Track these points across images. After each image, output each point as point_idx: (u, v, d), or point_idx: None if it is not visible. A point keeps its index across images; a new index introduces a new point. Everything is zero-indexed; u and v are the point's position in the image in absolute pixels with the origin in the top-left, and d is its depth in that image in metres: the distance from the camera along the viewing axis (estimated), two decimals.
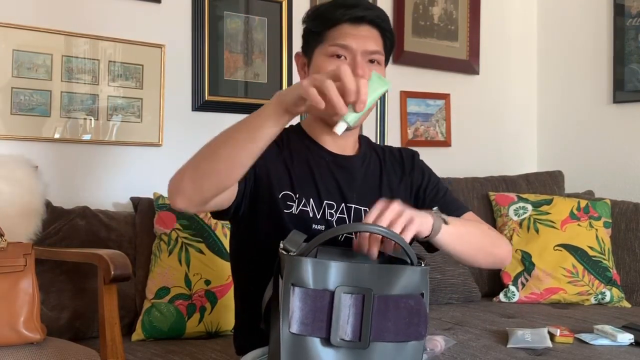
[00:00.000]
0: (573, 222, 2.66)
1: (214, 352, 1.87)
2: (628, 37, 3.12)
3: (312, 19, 1.38)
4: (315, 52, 1.36)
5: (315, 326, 1.03)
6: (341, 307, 1.03)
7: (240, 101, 2.59)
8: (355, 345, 1.04)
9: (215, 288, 2.06)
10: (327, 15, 1.34)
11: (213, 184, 1.13)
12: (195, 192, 1.14)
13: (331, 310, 1.03)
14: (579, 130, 3.35)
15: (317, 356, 1.04)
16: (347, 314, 1.04)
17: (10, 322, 1.59)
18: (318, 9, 1.38)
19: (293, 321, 1.03)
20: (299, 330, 1.03)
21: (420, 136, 3.13)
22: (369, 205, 1.37)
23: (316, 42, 1.35)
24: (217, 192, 1.15)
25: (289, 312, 1.03)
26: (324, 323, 1.03)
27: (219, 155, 1.11)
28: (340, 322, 1.03)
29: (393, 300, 1.05)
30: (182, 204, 1.15)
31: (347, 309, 1.04)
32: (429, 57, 3.14)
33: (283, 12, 2.68)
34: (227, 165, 1.11)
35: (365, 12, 1.33)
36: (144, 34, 2.38)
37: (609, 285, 2.56)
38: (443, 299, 2.54)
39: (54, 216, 2.04)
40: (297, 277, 1.03)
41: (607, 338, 1.95)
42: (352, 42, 1.31)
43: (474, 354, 1.86)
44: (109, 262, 1.68)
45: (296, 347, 1.04)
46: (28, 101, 2.17)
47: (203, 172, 1.12)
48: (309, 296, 1.03)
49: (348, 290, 1.04)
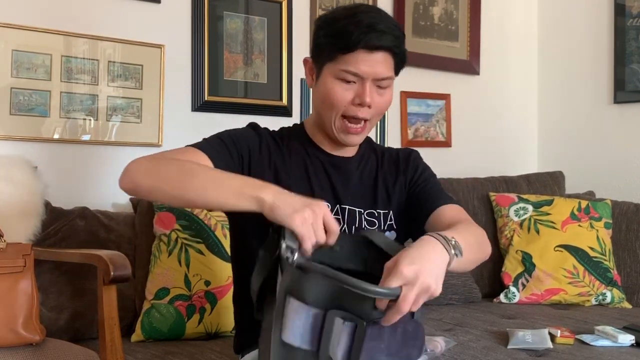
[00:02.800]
0: (574, 222, 2.66)
1: (213, 353, 1.86)
2: (629, 37, 3.11)
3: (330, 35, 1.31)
4: (325, 68, 1.33)
5: (307, 340, 1.01)
6: (333, 330, 1.00)
7: (240, 101, 2.59)
8: None
9: (215, 289, 2.06)
10: (344, 36, 1.27)
11: (165, 202, 1.23)
12: (145, 194, 1.22)
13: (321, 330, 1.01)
14: (579, 131, 3.34)
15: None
16: (339, 337, 1.00)
17: (9, 323, 1.58)
18: (335, 23, 1.31)
19: (285, 330, 1.02)
20: (290, 341, 1.02)
21: (420, 137, 3.13)
22: (363, 206, 1.38)
23: (328, 58, 1.31)
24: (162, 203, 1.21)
25: (281, 318, 1.02)
26: (315, 340, 1.01)
27: (191, 190, 1.15)
28: (330, 344, 1.00)
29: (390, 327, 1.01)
30: (125, 189, 1.22)
31: (339, 334, 1.00)
32: (429, 57, 3.13)
33: (283, 12, 2.68)
34: (192, 201, 1.18)
35: (381, 39, 1.27)
36: (143, 34, 2.38)
37: (610, 286, 2.56)
38: (443, 300, 2.53)
39: (53, 217, 2.04)
40: (296, 288, 1.02)
41: (608, 339, 1.95)
42: (365, 69, 1.29)
43: (474, 354, 1.86)
44: (108, 262, 1.68)
45: (286, 352, 1.03)
46: (27, 101, 2.16)
47: (165, 191, 1.18)
48: (304, 311, 1.01)
49: (341, 315, 1.00)
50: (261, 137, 1.38)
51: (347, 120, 1.33)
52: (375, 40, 1.27)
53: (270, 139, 1.39)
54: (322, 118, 1.37)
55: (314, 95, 1.39)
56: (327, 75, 1.32)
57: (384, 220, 1.40)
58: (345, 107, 1.32)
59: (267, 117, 2.60)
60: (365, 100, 1.29)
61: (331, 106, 1.32)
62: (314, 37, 1.37)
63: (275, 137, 1.41)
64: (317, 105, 1.38)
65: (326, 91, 1.32)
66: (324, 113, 1.35)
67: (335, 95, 1.31)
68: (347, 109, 1.32)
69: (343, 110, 1.32)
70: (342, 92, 1.31)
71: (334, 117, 1.33)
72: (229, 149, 1.31)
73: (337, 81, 1.31)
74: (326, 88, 1.32)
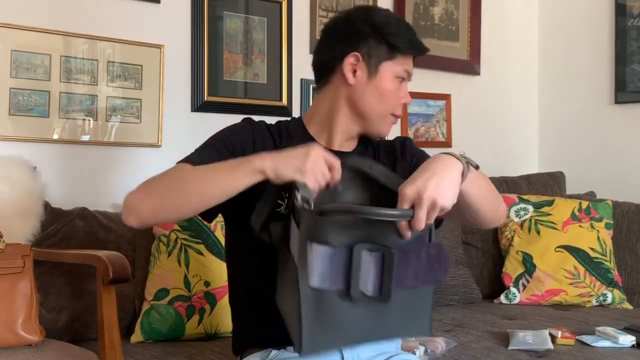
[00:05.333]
0: (574, 223, 2.65)
1: (213, 354, 1.86)
2: (629, 37, 3.11)
3: (394, 34, 1.37)
4: (383, 65, 1.37)
5: (335, 280, 1.05)
6: (361, 264, 1.04)
7: (240, 102, 2.59)
8: (377, 300, 1.06)
9: (215, 289, 2.05)
10: (403, 39, 1.37)
11: (172, 217, 1.23)
12: (153, 219, 1.23)
13: (350, 266, 1.04)
14: (580, 131, 3.34)
15: (336, 308, 1.06)
16: (367, 270, 1.05)
17: (9, 324, 1.58)
18: (399, 25, 1.39)
19: (313, 275, 1.04)
20: (319, 284, 1.04)
21: (420, 137, 3.13)
22: None
23: (387, 56, 1.37)
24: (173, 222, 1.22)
25: (306, 267, 1.04)
26: (344, 278, 1.05)
27: (188, 198, 1.17)
28: (361, 278, 1.05)
29: (414, 251, 1.07)
30: (133, 223, 1.21)
31: (368, 265, 1.05)
32: (429, 58, 3.06)
33: (283, 12, 2.68)
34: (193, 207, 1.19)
35: (422, 49, 1.41)
36: (143, 34, 2.38)
37: (611, 287, 2.55)
38: (444, 301, 2.53)
39: (52, 217, 2.04)
40: (316, 234, 1.04)
41: (609, 340, 1.94)
42: (411, 71, 1.42)
43: (474, 355, 1.86)
44: (107, 263, 1.67)
45: (315, 300, 1.05)
46: (26, 102, 2.16)
47: (167, 206, 1.19)
48: (328, 254, 1.04)
49: (368, 247, 1.05)
50: (255, 131, 1.38)
51: (391, 116, 1.42)
52: (421, 46, 1.41)
53: (266, 132, 1.40)
54: (367, 112, 1.39)
55: (362, 90, 1.38)
56: (388, 73, 1.37)
57: None
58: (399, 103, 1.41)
59: (266, 118, 2.57)
60: (409, 99, 1.42)
61: (389, 102, 1.39)
62: (361, 34, 1.37)
63: (272, 130, 1.41)
64: (366, 100, 1.38)
65: (388, 88, 1.38)
66: (378, 108, 1.39)
67: (396, 93, 1.39)
68: (398, 106, 1.41)
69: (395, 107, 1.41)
70: (399, 90, 1.40)
71: (387, 112, 1.40)
72: (220, 152, 1.31)
73: (396, 80, 1.39)
74: (388, 85, 1.38)
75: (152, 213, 1.20)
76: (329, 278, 1.04)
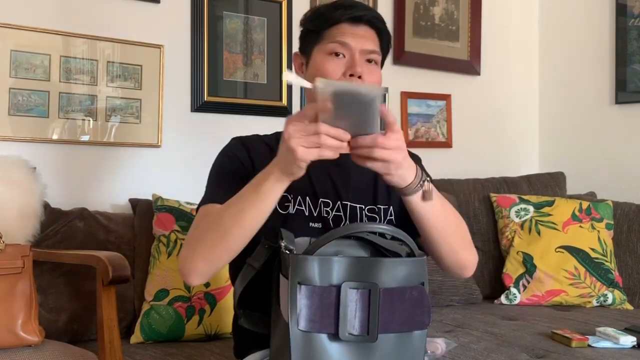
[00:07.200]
0: (575, 223, 2.65)
1: (213, 355, 1.86)
2: (630, 37, 3.11)
3: (312, 19, 1.39)
4: (313, 51, 1.36)
5: (324, 322, 1.06)
6: (348, 302, 1.06)
7: (240, 102, 2.58)
8: (364, 339, 1.07)
9: (215, 290, 2.05)
10: (327, 14, 1.35)
11: (226, 259, 1.22)
12: (211, 269, 1.23)
13: (338, 305, 1.06)
14: (580, 131, 3.33)
15: (325, 351, 1.07)
16: (354, 308, 1.07)
17: (8, 325, 1.58)
18: (317, 10, 1.40)
19: (301, 319, 1.06)
20: (308, 327, 1.06)
21: (421, 137, 3.12)
22: (364, 202, 1.39)
23: (315, 41, 1.36)
24: (229, 261, 1.24)
25: (296, 310, 1.05)
26: (332, 319, 1.06)
27: (231, 234, 1.18)
28: (348, 317, 1.06)
29: (397, 293, 1.09)
30: (197, 282, 1.24)
31: (354, 303, 1.07)
32: (429, 58, 3.12)
33: (283, 12, 2.67)
34: (240, 240, 1.19)
35: (363, 12, 1.34)
36: (142, 34, 2.37)
37: (611, 288, 2.55)
38: (444, 301, 2.52)
39: (52, 218, 2.03)
40: (303, 275, 1.06)
41: (610, 340, 1.94)
42: (351, 40, 1.31)
43: (475, 356, 1.85)
44: (107, 264, 1.67)
45: (305, 343, 1.06)
46: (26, 102, 2.16)
47: (218, 253, 1.20)
48: (316, 293, 1.06)
49: (354, 285, 1.07)
50: (247, 147, 1.38)
51: None
52: (358, 12, 1.32)
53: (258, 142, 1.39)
54: None
55: None
56: (317, 55, 1.34)
57: (385, 215, 1.40)
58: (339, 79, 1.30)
59: (266, 118, 2.60)
60: (356, 69, 1.29)
61: None
62: (300, 34, 1.41)
63: (265, 140, 1.41)
64: None
65: (317, 67, 1.32)
66: None
67: (327, 69, 1.30)
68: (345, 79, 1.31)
69: None
70: (334, 65, 1.31)
71: None
72: (229, 181, 1.30)
73: (328, 56, 1.32)
74: (317, 65, 1.33)
75: (208, 265, 1.21)
76: (318, 321, 1.06)
